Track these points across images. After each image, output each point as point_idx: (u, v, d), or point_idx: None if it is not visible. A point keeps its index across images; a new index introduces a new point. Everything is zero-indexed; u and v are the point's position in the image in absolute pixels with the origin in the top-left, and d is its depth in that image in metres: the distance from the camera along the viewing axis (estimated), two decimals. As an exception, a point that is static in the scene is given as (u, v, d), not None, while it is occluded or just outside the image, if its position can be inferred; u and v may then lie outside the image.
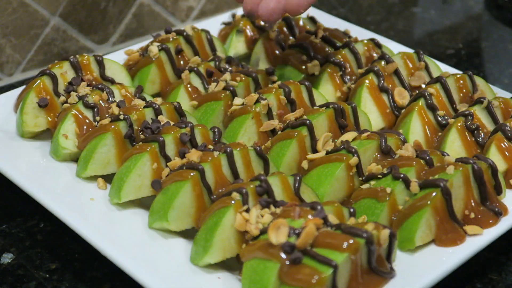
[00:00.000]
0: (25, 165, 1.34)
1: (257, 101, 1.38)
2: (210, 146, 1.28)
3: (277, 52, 1.62)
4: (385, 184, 1.20)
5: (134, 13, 1.88)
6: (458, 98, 1.45)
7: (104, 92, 1.40)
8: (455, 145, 1.35)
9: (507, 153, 1.31)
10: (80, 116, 1.36)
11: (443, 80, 1.43)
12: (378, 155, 1.28)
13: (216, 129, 1.33)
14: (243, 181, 1.19)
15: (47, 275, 1.22)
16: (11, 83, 1.74)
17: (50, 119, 1.41)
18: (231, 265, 1.15)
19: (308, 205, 1.12)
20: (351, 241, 1.04)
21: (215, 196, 1.19)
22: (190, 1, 1.96)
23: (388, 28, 2.06)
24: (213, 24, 1.76)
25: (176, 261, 1.15)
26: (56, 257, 1.26)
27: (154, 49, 1.53)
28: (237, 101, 1.40)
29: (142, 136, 1.31)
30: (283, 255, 1.04)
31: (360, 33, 1.72)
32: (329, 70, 1.52)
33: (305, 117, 1.33)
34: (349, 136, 1.30)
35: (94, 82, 1.47)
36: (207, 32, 1.63)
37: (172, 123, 1.33)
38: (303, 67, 1.55)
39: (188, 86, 1.48)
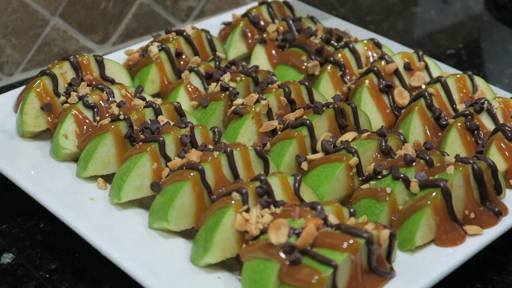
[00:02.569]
0: (25, 165, 1.34)
1: (257, 101, 1.38)
2: (210, 146, 1.28)
3: (277, 52, 1.62)
4: (385, 184, 1.20)
5: (134, 13, 1.88)
6: (458, 98, 1.45)
7: (104, 92, 1.40)
8: (455, 145, 1.35)
9: (507, 153, 1.31)
10: (80, 116, 1.36)
11: (443, 80, 1.43)
12: (378, 155, 1.28)
13: (216, 129, 1.33)
14: (243, 181, 1.19)
15: (47, 275, 1.22)
16: (11, 83, 1.74)
17: (50, 119, 1.41)
18: (231, 265, 1.15)
19: (308, 205, 1.12)
20: (351, 241, 1.04)
21: (215, 196, 1.19)
22: (190, 1, 1.96)
23: (388, 28, 2.05)
24: (213, 24, 1.76)
25: (176, 261, 1.15)
26: (56, 257, 1.26)
27: (154, 49, 1.53)
28: (237, 101, 1.40)
29: (142, 136, 1.31)
30: (283, 255, 1.04)
31: (360, 33, 1.72)
32: (329, 70, 1.52)
33: (305, 117, 1.33)
34: (349, 136, 1.30)
35: (94, 82, 1.47)
36: (207, 32, 1.63)
37: (172, 123, 1.33)
38: (303, 67, 1.55)
39: (188, 86, 1.48)
